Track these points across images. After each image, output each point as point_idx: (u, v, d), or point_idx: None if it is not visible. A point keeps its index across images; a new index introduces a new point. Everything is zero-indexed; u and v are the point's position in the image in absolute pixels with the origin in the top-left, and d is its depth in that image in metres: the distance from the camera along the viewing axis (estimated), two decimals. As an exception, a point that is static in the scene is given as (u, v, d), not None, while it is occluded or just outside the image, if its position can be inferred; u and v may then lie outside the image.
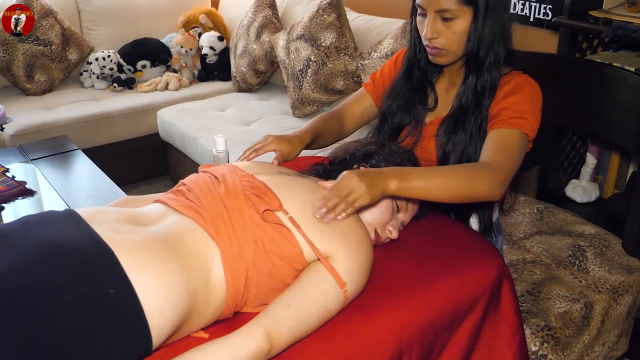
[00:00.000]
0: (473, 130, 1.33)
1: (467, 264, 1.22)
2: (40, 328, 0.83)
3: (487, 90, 1.32)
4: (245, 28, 3.15)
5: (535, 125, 1.30)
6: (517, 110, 1.28)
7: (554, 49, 2.13)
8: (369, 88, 1.58)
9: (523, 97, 1.31)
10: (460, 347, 1.17)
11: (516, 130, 1.27)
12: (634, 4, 1.92)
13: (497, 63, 1.32)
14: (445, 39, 1.29)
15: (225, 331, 0.97)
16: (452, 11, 1.25)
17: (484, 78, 1.32)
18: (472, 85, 1.33)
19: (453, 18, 1.26)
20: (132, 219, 1.03)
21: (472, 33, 1.28)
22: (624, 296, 1.58)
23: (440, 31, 1.28)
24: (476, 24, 1.27)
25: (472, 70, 1.33)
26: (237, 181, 1.10)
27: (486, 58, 1.30)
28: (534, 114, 1.30)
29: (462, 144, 1.33)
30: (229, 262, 1.00)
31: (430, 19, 1.28)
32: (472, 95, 1.33)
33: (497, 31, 1.29)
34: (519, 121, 1.28)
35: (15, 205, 1.86)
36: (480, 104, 1.33)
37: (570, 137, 2.17)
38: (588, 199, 2.17)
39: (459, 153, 1.34)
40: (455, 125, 1.35)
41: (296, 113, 2.86)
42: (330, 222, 1.07)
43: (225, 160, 1.67)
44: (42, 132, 2.76)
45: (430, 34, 1.28)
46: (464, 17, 1.26)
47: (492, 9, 1.26)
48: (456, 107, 1.36)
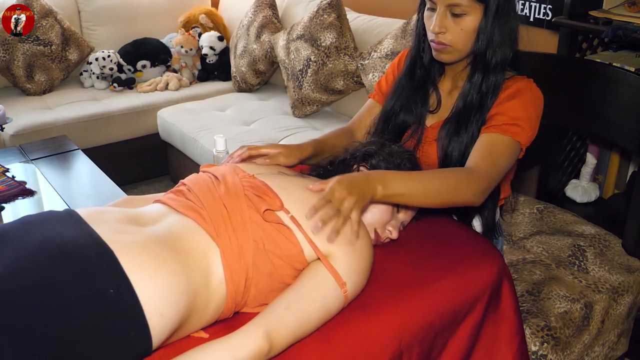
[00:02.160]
0: (474, 131, 1.31)
1: (467, 264, 1.22)
2: (40, 328, 0.83)
3: (491, 92, 1.31)
4: (245, 28, 3.15)
5: (529, 133, 1.29)
6: (511, 117, 1.27)
7: (554, 49, 2.13)
8: (376, 97, 1.55)
9: (520, 103, 1.29)
10: (460, 347, 1.17)
11: (507, 137, 1.26)
12: (634, 4, 1.92)
13: (504, 64, 1.31)
14: (452, 35, 1.27)
15: (225, 331, 0.97)
16: (462, 6, 1.24)
17: (489, 79, 1.31)
18: (478, 84, 1.32)
19: (463, 14, 1.25)
20: (132, 219, 1.03)
21: (482, 32, 1.27)
22: (624, 296, 1.58)
23: (449, 27, 1.26)
24: (486, 22, 1.26)
25: (479, 69, 1.31)
26: (237, 181, 1.10)
27: (493, 58, 1.29)
28: (529, 122, 1.28)
29: (464, 144, 1.32)
30: (229, 262, 1.00)
31: (440, 13, 1.26)
32: (476, 95, 1.32)
33: (506, 32, 1.28)
34: (512, 128, 1.27)
35: (15, 205, 1.86)
36: (483, 105, 1.32)
37: (570, 137, 2.17)
38: (588, 199, 2.17)
39: (460, 154, 1.32)
40: (457, 126, 1.33)
41: (296, 113, 2.86)
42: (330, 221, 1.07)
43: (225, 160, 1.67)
44: (42, 132, 2.76)
45: (438, 27, 1.26)
46: (474, 14, 1.25)
47: (502, 8, 1.25)
48: (460, 107, 1.34)
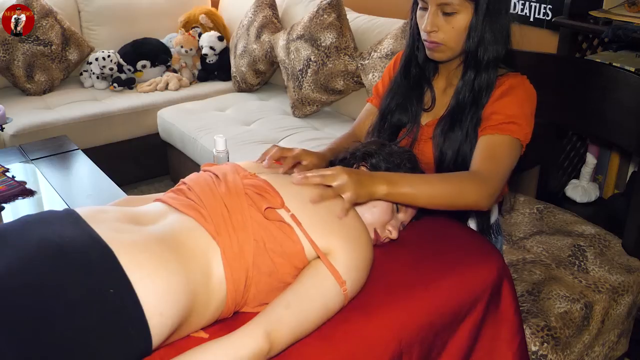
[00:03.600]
0: (469, 129, 1.32)
1: (467, 264, 1.22)
2: (40, 328, 0.83)
3: (484, 89, 1.32)
4: (245, 28, 3.15)
5: (527, 130, 1.30)
6: (507, 115, 1.28)
7: (554, 49, 2.13)
8: (374, 102, 1.57)
9: (515, 100, 1.30)
10: (460, 347, 1.17)
11: (506, 137, 1.27)
12: (634, 4, 1.91)
13: (496, 62, 1.32)
14: (444, 33, 1.28)
15: (225, 331, 0.97)
16: (453, 5, 1.25)
17: (481, 76, 1.31)
18: (470, 82, 1.33)
19: (454, 13, 1.26)
20: (132, 219, 1.03)
21: (473, 30, 1.28)
22: (624, 296, 1.58)
23: (440, 25, 1.28)
24: (477, 20, 1.27)
25: (471, 67, 1.32)
26: (238, 180, 1.10)
27: (485, 56, 1.30)
28: (526, 119, 1.29)
29: (458, 142, 1.33)
30: (229, 262, 1.00)
31: (431, 12, 1.27)
32: (469, 93, 1.33)
33: (497, 30, 1.29)
34: (510, 126, 1.27)
35: (15, 205, 1.86)
36: (477, 103, 1.32)
37: (570, 137, 2.17)
38: (588, 199, 2.17)
39: (455, 151, 1.33)
40: (452, 123, 1.34)
41: (296, 113, 2.86)
42: (329, 220, 1.07)
43: (226, 160, 1.67)
44: (42, 132, 2.76)
45: (430, 27, 1.28)
46: (465, 13, 1.26)
47: (493, 6, 1.26)
48: (454, 105, 1.35)
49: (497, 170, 1.24)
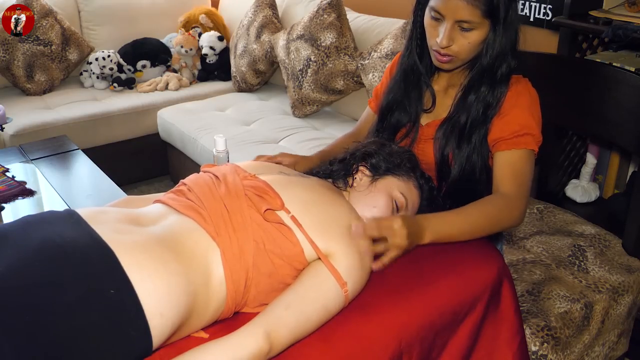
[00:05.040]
0: (476, 142, 1.33)
1: (467, 264, 1.22)
2: (41, 328, 0.83)
3: (496, 103, 1.32)
4: (245, 28, 3.15)
5: (539, 138, 1.32)
6: (521, 125, 1.29)
7: (554, 49, 2.13)
8: (372, 104, 1.59)
9: (525, 108, 1.31)
10: (460, 347, 1.17)
11: (522, 151, 1.29)
12: (634, 4, 1.92)
13: (509, 74, 1.32)
14: (459, 47, 1.26)
15: (225, 331, 0.97)
16: (472, 23, 1.23)
17: (495, 90, 1.31)
18: (484, 97, 1.32)
19: (471, 29, 1.24)
20: (132, 219, 1.03)
21: (490, 46, 1.27)
22: (624, 296, 1.58)
23: (455, 39, 1.26)
24: (495, 35, 1.26)
25: (485, 82, 1.31)
26: (238, 181, 1.10)
27: (499, 70, 1.30)
28: (537, 126, 1.32)
29: (467, 154, 1.34)
30: (229, 263, 1.00)
31: (448, 28, 1.24)
32: (482, 109, 1.32)
33: (511, 43, 1.28)
34: (524, 139, 1.29)
35: (15, 205, 1.86)
36: (486, 116, 1.32)
37: (570, 137, 2.17)
38: (588, 199, 2.17)
39: (463, 162, 1.33)
40: (460, 137, 1.34)
41: (296, 113, 2.86)
42: (330, 221, 1.07)
43: (226, 160, 1.67)
44: (42, 132, 2.76)
45: (446, 41, 1.25)
46: (482, 28, 1.25)
47: (510, 20, 1.26)
48: (464, 121, 1.34)
49: (523, 187, 1.29)
